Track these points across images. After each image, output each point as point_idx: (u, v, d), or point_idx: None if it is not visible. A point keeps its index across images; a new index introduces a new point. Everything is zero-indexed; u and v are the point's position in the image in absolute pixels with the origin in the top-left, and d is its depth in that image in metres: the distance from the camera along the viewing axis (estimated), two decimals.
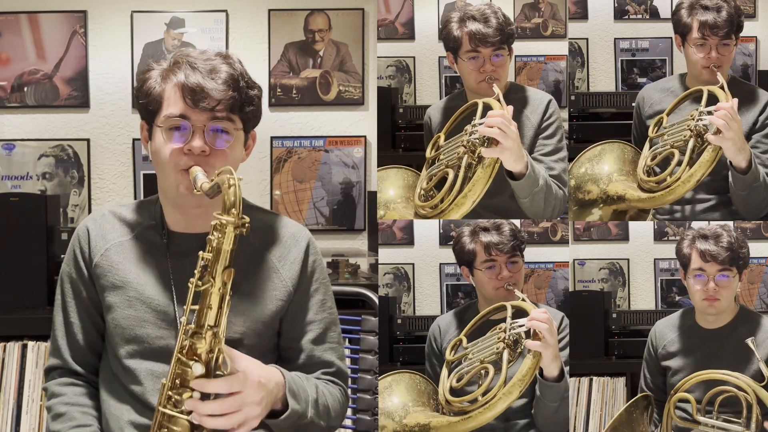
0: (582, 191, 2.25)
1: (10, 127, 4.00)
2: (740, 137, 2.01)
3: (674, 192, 2.08)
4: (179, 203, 1.66)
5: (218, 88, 1.59)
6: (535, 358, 2.02)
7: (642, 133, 2.24)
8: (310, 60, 4.04)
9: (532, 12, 2.36)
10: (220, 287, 1.47)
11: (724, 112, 2.00)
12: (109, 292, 1.67)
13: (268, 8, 4.02)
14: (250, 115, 1.67)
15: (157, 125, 1.62)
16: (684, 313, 2.23)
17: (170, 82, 1.61)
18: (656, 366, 2.23)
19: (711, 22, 2.10)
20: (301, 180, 4.05)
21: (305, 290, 1.75)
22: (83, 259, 1.71)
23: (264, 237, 1.73)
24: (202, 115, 1.59)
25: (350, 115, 4.06)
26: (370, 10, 4.02)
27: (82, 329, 1.71)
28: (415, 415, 2.15)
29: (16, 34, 3.96)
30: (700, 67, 2.13)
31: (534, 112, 2.18)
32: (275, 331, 1.73)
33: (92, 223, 1.74)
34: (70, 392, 1.69)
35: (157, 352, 1.63)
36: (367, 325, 2.10)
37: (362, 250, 3.96)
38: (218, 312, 1.48)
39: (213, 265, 1.47)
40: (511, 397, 2.02)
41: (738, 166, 2.04)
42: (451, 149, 2.12)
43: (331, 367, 1.76)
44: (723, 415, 2.08)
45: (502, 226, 2.20)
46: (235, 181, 1.47)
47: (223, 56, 1.65)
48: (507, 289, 2.18)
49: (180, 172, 1.60)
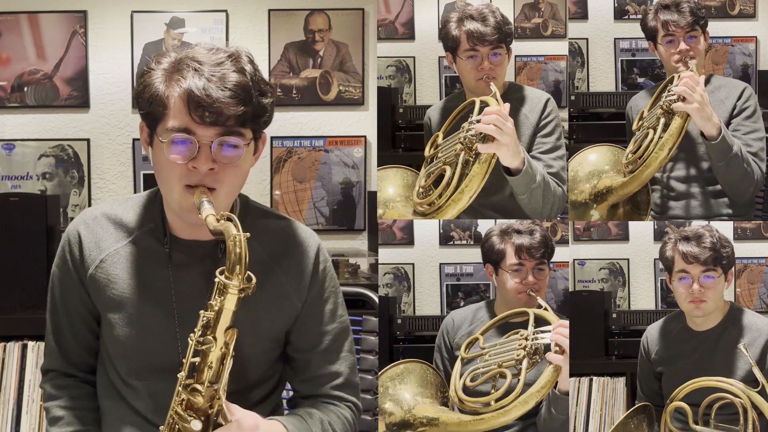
0: (574, 192, 2.26)
1: (10, 127, 3.99)
2: (705, 104, 2.08)
3: (650, 165, 2.13)
4: (182, 216, 1.52)
5: (228, 102, 1.41)
6: (555, 372, 1.98)
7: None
8: (310, 60, 4.04)
9: (532, 12, 2.36)
10: (221, 347, 1.41)
11: (686, 80, 2.09)
12: (107, 308, 1.58)
13: (268, 8, 4.02)
14: (263, 125, 1.52)
15: (159, 137, 1.47)
16: (673, 317, 2.22)
17: (174, 90, 1.43)
18: (650, 371, 2.22)
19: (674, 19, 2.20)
20: (301, 180, 4.05)
21: (315, 300, 1.65)
22: (74, 266, 1.60)
23: (271, 246, 1.62)
24: (209, 130, 1.43)
25: (350, 115, 4.06)
26: (370, 10, 4.02)
27: (74, 333, 1.64)
28: (424, 406, 2.13)
29: (16, 34, 3.95)
30: (673, 62, 2.20)
31: (532, 111, 2.19)
32: (282, 342, 1.67)
33: (84, 228, 1.60)
34: (66, 395, 1.65)
35: (159, 370, 1.56)
36: (368, 325, 2.10)
37: (362, 250, 3.96)
38: (219, 369, 1.42)
39: (215, 325, 1.41)
40: (527, 407, 1.99)
41: (709, 134, 2.10)
42: (449, 147, 2.12)
43: (338, 378, 1.67)
44: (722, 421, 2.07)
45: (535, 232, 2.19)
46: (240, 238, 1.38)
47: (234, 58, 1.46)
48: (529, 295, 2.15)
49: (184, 188, 1.46)
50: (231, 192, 1.51)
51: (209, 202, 1.43)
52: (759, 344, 2.08)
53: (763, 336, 2.08)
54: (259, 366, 1.63)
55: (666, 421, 2.11)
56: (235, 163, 1.47)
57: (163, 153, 1.46)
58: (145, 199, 1.65)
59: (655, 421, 2.18)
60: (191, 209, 1.45)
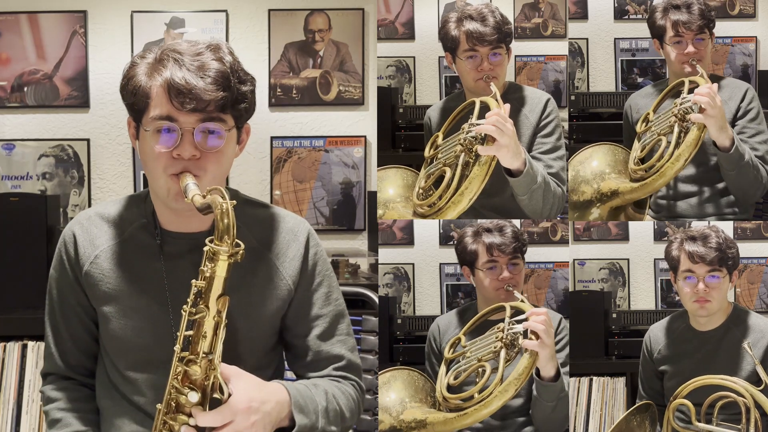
0: (577, 192, 2.26)
1: (10, 127, 4.00)
2: (722, 116, 2.07)
3: (664, 174, 2.12)
4: (171, 206, 1.56)
5: (207, 88, 1.47)
6: (531, 358, 2.03)
7: (632, 139, 2.27)
8: (310, 60, 4.04)
9: (532, 12, 2.36)
10: (214, 315, 1.43)
11: (706, 90, 2.06)
12: (102, 302, 1.61)
13: (268, 8, 4.02)
14: (243, 111, 1.56)
15: (144, 127, 1.52)
16: (677, 316, 2.23)
17: (156, 80, 1.49)
18: (653, 371, 2.23)
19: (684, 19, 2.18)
20: (301, 180, 4.05)
21: (308, 285, 1.69)
22: (70, 265, 1.64)
23: (261, 233, 1.66)
24: (191, 117, 1.48)
25: (350, 115, 4.06)
26: (370, 10, 4.02)
27: (72, 335, 1.66)
28: (413, 410, 2.17)
29: (16, 34, 3.96)
30: (680, 63, 2.19)
31: (532, 111, 2.19)
32: (277, 329, 1.69)
33: (78, 228, 1.65)
34: (65, 397, 1.65)
35: (156, 361, 1.57)
36: (368, 325, 2.11)
37: (362, 250, 3.96)
38: (213, 339, 1.43)
39: (206, 294, 1.43)
40: (507, 395, 2.04)
41: (722, 145, 2.09)
42: (449, 148, 2.13)
43: (341, 361, 1.70)
44: (724, 419, 2.08)
45: (505, 228, 2.22)
46: (227, 205, 1.41)
47: (213, 48, 1.52)
48: (507, 290, 2.20)
49: (170, 177, 1.51)
50: (215, 179, 1.54)
51: (195, 184, 1.47)
52: (762, 345, 2.10)
53: (766, 337, 2.10)
54: (255, 352, 1.64)
55: (669, 419, 2.12)
56: (218, 148, 1.52)
57: (148, 143, 1.51)
58: (137, 196, 1.70)
59: (657, 420, 2.19)
60: (178, 195, 1.50)
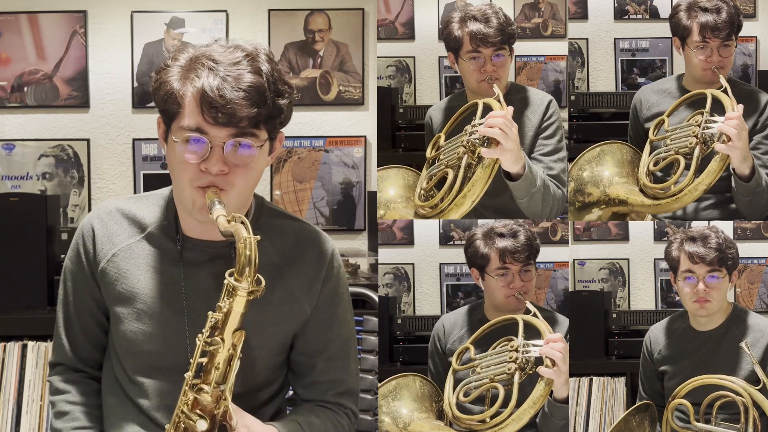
0: (583, 194, 2.24)
1: (10, 127, 3.99)
2: (746, 147, 1.99)
3: (680, 201, 2.07)
4: (194, 217, 1.51)
5: (241, 103, 1.39)
6: (548, 386, 1.99)
7: (639, 135, 2.24)
8: (310, 60, 4.04)
9: (532, 12, 2.36)
10: (229, 348, 1.42)
11: (735, 122, 1.97)
12: (116, 302, 1.57)
13: (268, 8, 4.02)
14: (278, 125, 1.49)
15: (173, 135, 1.46)
16: (677, 316, 2.23)
17: (188, 87, 1.42)
18: (653, 371, 2.23)
19: (711, 23, 2.08)
20: (301, 180, 4.05)
21: (325, 306, 1.64)
22: (87, 259, 1.60)
23: (284, 249, 1.60)
24: (222, 131, 1.42)
25: (350, 115, 4.06)
26: (370, 10, 4.02)
27: (84, 328, 1.64)
28: (420, 423, 2.12)
29: (16, 34, 3.95)
30: (701, 70, 2.12)
31: (534, 113, 2.18)
32: (287, 347, 1.65)
33: (98, 222, 1.60)
34: (75, 390, 1.64)
35: (165, 368, 1.55)
36: (368, 325, 2.10)
37: (362, 250, 3.96)
38: (226, 370, 1.42)
39: (223, 326, 1.41)
40: (521, 422, 2.00)
41: (742, 174, 2.03)
42: (451, 149, 2.12)
43: (341, 386, 1.67)
44: (723, 419, 2.08)
45: (518, 234, 2.16)
46: (251, 240, 1.38)
47: (251, 57, 1.45)
48: (517, 298, 2.15)
49: (195, 189, 1.45)
50: (242, 193, 1.51)
51: (220, 203, 1.43)
52: (761, 345, 2.10)
53: (765, 337, 2.11)
54: (265, 369, 1.62)
55: (668, 419, 2.13)
56: (247, 164, 1.46)
57: (176, 152, 1.45)
58: (160, 196, 1.64)
59: (656, 420, 2.19)
60: (203, 208, 1.46)
